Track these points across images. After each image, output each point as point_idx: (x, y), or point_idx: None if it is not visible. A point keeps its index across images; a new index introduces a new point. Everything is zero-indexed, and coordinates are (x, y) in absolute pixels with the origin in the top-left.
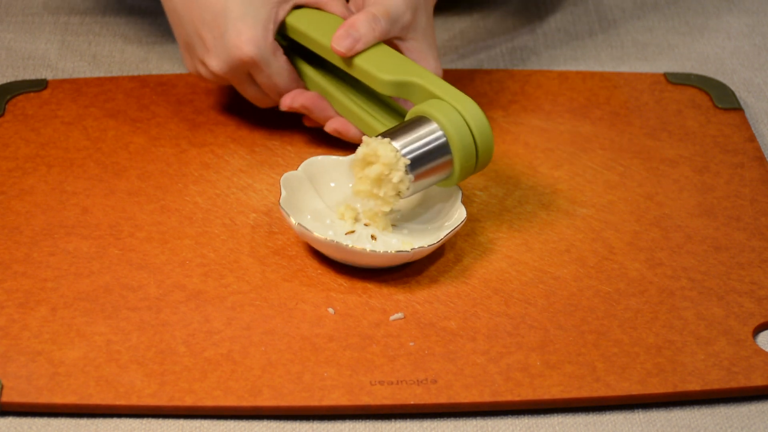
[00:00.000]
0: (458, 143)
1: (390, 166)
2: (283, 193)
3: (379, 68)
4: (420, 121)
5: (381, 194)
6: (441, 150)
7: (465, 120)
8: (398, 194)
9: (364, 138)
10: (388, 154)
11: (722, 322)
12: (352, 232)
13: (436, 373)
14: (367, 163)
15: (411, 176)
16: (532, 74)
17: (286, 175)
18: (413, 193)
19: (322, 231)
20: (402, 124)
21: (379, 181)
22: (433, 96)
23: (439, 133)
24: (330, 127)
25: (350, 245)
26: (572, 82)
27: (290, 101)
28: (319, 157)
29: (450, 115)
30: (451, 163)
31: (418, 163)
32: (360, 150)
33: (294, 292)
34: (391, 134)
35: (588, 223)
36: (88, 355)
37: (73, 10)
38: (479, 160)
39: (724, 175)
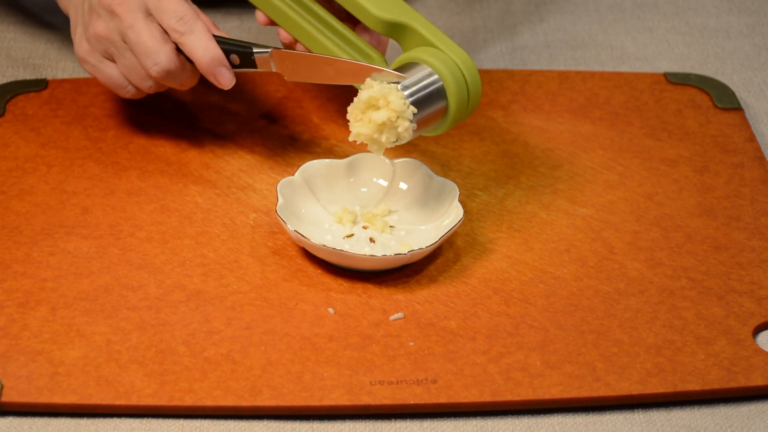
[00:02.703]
0: (456, 95)
1: (399, 113)
2: (280, 200)
3: (373, 3)
4: (418, 68)
5: (382, 139)
6: (439, 99)
7: (461, 71)
8: (397, 141)
9: (368, 80)
10: (398, 101)
11: (722, 322)
12: (351, 235)
13: (436, 373)
14: (370, 106)
15: (414, 124)
16: (532, 74)
17: (282, 181)
18: (409, 140)
19: (321, 235)
20: (401, 68)
21: (383, 126)
22: (428, 43)
23: (439, 84)
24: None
25: (347, 250)
26: (572, 82)
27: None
28: (316, 161)
29: (450, 67)
30: (444, 112)
31: (419, 111)
32: (364, 92)
33: (294, 292)
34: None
35: (588, 223)
36: (88, 355)
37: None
38: (468, 109)
39: (724, 175)
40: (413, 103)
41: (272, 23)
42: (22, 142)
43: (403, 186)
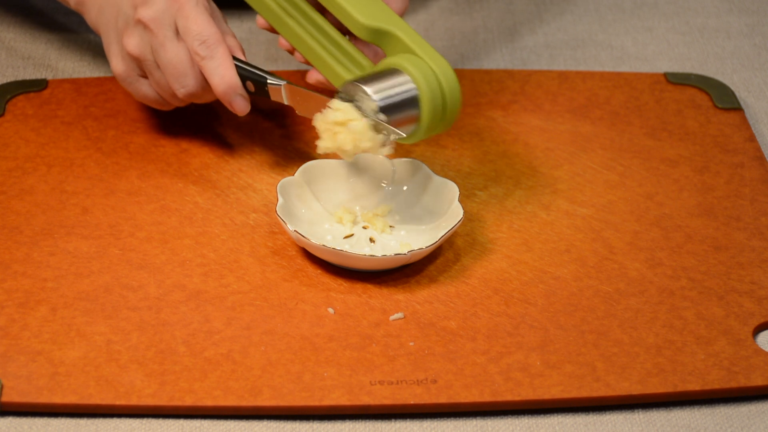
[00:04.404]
0: (429, 103)
1: (360, 139)
2: (280, 200)
3: (359, 10)
4: (396, 74)
5: (346, 149)
6: (412, 106)
7: (438, 81)
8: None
9: (335, 101)
10: (365, 132)
11: (722, 322)
12: (351, 235)
13: (436, 373)
14: (337, 124)
15: (383, 136)
16: (532, 74)
17: (282, 181)
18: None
19: (321, 235)
20: (377, 73)
21: (348, 144)
22: (410, 51)
23: (414, 92)
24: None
25: (347, 250)
26: (572, 82)
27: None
28: (316, 161)
29: (427, 76)
30: (416, 120)
31: (390, 116)
32: (330, 114)
33: (294, 292)
34: (365, 81)
35: (588, 223)
36: (88, 355)
37: (74, 10)
38: (445, 120)
39: (724, 175)
40: (384, 108)
41: (271, 28)
42: (22, 142)
43: (403, 186)
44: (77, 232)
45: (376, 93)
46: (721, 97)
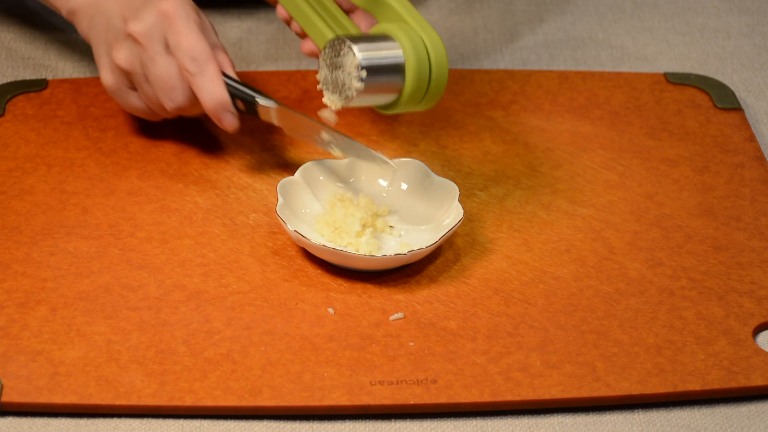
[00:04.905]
0: (415, 71)
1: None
2: (280, 200)
3: None
4: (385, 39)
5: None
6: (396, 72)
7: (427, 51)
8: (346, 98)
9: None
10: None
11: (722, 322)
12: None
13: (436, 373)
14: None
15: (361, 84)
16: (532, 74)
17: (282, 181)
18: (355, 104)
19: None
20: (367, 36)
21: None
22: (402, 20)
23: (400, 58)
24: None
25: (347, 250)
26: (572, 82)
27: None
28: (316, 161)
29: (416, 44)
30: (400, 88)
31: (371, 77)
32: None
33: (294, 292)
34: (353, 39)
35: (588, 223)
36: (88, 355)
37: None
38: (429, 92)
39: (724, 175)
40: (367, 67)
41: None
42: (22, 142)
43: (403, 186)
44: (77, 232)
45: (361, 51)
46: (721, 97)
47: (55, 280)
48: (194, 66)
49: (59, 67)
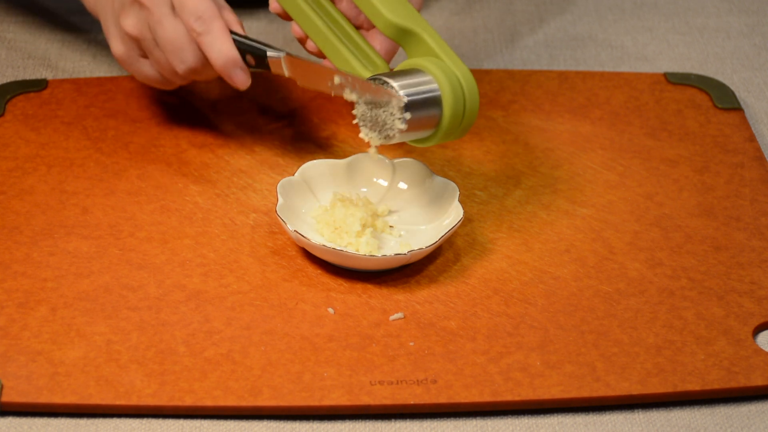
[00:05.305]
0: (451, 106)
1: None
2: (280, 200)
3: (387, 7)
4: (419, 74)
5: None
6: (434, 106)
7: (461, 85)
8: (387, 137)
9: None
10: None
11: (722, 322)
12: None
13: (436, 373)
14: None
15: (404, 125)
16: (532, 74)
17: (282, 181)
18: (394, 142)
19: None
20: (401, 71)
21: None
22: (434, 54)
23: (437, 92)
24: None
25: (347, 250)
26: (572, 82)
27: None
28: (316, 161)
29: (451, 79)
30: (436, 122)
31: (412, 113)
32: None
33: (294, 292)
34: (390, 76)
35: (588, 223)
36: (88, 355)
37: (73, 10)
38: (462, 125)
39: (724, 175)
40: (409, 104)
41: (284, 14)
42: (22, 142)
43: (403, 186)
44: (77, 232)
45: (402, 88)
46: (721, 97)
47: (55, 280)
48: (200, 25)
49: (59, 67)
